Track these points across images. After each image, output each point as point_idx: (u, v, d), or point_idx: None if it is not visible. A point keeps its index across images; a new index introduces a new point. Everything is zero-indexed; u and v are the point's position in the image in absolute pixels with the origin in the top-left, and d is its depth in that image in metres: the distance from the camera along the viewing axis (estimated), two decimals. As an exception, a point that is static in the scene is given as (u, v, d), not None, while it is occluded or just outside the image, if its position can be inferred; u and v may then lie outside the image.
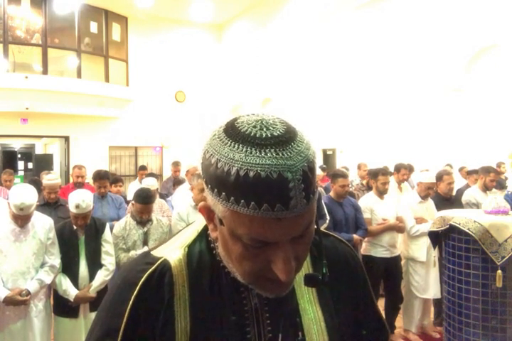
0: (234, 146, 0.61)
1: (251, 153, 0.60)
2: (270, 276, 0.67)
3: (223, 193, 0.61)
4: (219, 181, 0.61)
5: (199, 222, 0.85)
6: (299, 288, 0.81)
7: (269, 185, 0.59)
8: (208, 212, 0.70)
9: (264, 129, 0.63)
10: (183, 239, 0.83)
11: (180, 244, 0.81)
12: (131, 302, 0.74)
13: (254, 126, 0.63)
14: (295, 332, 0.78)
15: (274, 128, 0.63)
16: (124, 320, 0.74)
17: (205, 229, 0.82)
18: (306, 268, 0.82)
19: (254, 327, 0.77)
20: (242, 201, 0.60)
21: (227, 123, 0.67)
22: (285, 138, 0.62)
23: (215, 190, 0.63)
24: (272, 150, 0.60)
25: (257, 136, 0.62)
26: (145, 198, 3.29)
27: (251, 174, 0.59)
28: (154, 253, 0.81)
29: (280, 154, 0.60)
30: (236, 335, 0.75)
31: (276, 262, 0.65)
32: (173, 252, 0.79)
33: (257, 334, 0.77)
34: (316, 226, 0.74)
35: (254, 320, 0.77)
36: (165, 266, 0.77)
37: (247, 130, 0.63)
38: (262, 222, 0.61)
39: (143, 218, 3.30)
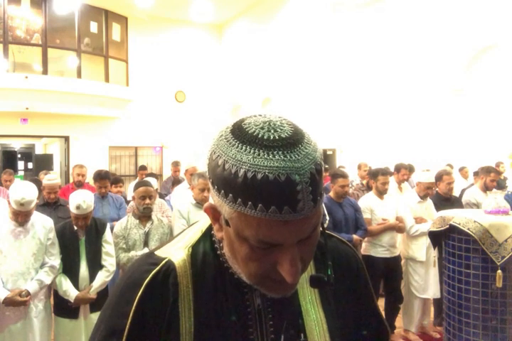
0: (241, 148, 0.61)
1: (259, 155, 0.60)
2: (276, 277, 0.67)
3: (230, 195, 0.61)
4: (226, 182, 0.61)
5: (203, 221, 0.84)
6: (302, 290, 0.81)
7: (277, 187, 0.59)
8: (213, 213, 0.69)
9: (272, 131, 0.63)
10: (186, 239, 0.82)
11: (184, 244, 0.81)
12: (135, 302, 0.74)
13: (262, 128, 0.63)
14: (297, 334, 0.78)
15: (281, 130, 0.63)
16: (129, 320, 0.74)
17: (210, 228, 0.82)
18: (309, 269, 0.82)
19: (257, 328, 0.77)
20: (250, 203, 0.60)
21: (234, 124, 0.67)
22: (293, 140, 0.62)
23: (222, 191, 0.63)
24: (280, 152, 0.60)
25: (265, 137, 0.62)
26: (143, 182, 3.52)
27: (259, 176, 0.59)
28: (158, 253, 0.80)
29: (288, 156, 0.60)
30: (239, 336, 0.76)
31: (283, 264, 0.65)
32: (177, 252, 0.79)
33: (260, 335, 0.77)
34: (321, 228, 0.74)
35: (257, 320, 0.77)
36: (169, 266, 0.77)
37: (254, 131, 0.63)
38: (270, 224, 0.61)
39: (148, 205, 3.26)
